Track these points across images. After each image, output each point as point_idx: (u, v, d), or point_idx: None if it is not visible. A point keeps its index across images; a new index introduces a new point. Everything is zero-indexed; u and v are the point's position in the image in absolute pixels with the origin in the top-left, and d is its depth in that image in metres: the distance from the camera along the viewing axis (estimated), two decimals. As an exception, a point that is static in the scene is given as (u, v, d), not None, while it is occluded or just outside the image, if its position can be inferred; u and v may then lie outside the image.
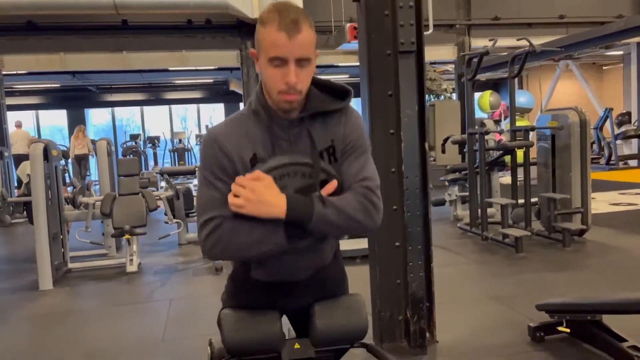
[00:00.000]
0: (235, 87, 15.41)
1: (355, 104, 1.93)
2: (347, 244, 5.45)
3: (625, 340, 2.77)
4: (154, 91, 18.33)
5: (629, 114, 13.38)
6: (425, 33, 2.74)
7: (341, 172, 1.48)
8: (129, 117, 20.16)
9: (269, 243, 1.39)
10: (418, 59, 3.02)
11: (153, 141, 15.69)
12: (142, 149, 14.41)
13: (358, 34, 3.11)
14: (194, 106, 19.64)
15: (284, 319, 1.77)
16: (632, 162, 12.97)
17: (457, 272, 4.84)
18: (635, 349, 2.70)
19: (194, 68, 13.49)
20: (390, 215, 3.10)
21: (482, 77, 6.32)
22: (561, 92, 16.81)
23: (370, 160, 1.53)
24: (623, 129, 12.81)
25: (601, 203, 7.85)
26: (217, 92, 18.45)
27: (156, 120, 19.46)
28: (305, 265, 1.56)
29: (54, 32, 10.69)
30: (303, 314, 1.69)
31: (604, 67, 17.86)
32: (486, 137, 6.23)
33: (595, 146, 13.72)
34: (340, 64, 12.98)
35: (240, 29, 11.18)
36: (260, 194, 1.36)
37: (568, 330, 3.02)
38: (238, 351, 1.67)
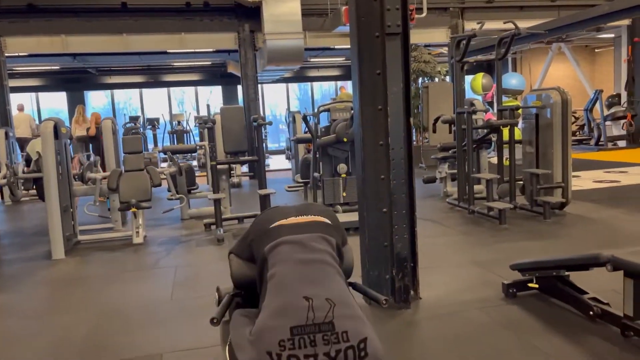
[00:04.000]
0: (233, 69, 15.60)
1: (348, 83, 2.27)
2: (341, 217, 5.79)
3: (586, 293, 3.11)
4: (153, 73, 18.49)
5: (618, 95, 13.65)
6: (419, 16, 2.96)
7: None
8: (127, 100, 20.31)
9: None
10: (403, 41, 3.31)
11: (153, 123, 15.90)
12: (142, 131, 14.62)
13: (349, 17, 3.39)
14: (191, 88, 19.80)
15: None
16: (621, 143, 13.28)
17: (444, 241, 5.18)
18: (595, 300, 3.03)
19: (192, 50, 13.67)
20: (379, 183, 3.41)
21: (471, 59, 6.58)
22: (554, 75, 17.05)
23: None
24: (612, 110, 13.08)
25: (585, 180, 8.19)
26: (214, 75, 18.62)
27: (154, 103, 19.63)
28: None
29: (54, 15, 10.90)
30: None
31: (596, 50, 18.09)
32: (474, 116, 6.53)
33: (585, 127, 14.02)
34: (336, 47, 13.19)
35: (238, 12, 11.38)
36: None
37: (537, 286, 3.37)
38: (242, 285, 2.03)
